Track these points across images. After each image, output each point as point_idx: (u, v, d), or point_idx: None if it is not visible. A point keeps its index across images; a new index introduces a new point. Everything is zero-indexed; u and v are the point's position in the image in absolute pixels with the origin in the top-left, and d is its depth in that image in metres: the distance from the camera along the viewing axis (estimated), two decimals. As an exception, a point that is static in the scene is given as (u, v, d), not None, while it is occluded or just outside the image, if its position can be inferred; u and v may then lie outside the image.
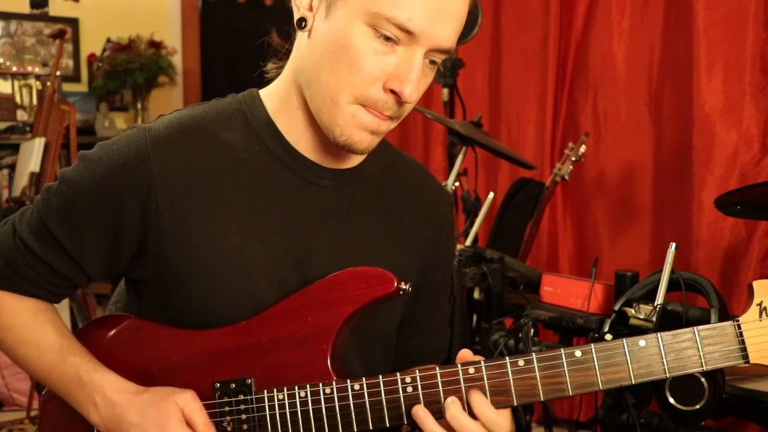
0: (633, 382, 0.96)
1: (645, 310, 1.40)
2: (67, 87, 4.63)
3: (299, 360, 1.04)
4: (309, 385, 1.02)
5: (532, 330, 1.72)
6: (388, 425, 1.01)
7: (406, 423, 1.00)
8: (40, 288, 1.11)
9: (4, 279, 1.10)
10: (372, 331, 1.16)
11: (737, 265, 2.52)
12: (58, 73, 3.83)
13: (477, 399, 0.97)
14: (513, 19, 3.38)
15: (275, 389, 1.03)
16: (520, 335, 1.76)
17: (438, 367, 1.00)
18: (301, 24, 1.03)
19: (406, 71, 0.98)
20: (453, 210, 1.34)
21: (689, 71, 2.62)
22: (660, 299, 1.40)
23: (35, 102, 4.35)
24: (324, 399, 1.02)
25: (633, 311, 1.42)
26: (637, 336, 0.97)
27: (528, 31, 3.28)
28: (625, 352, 0.96)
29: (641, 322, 1.40)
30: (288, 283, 1.08)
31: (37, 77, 4.40)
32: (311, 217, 1.11)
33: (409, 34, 0.96)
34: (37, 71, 4.47)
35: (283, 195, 1.10)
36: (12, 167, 4.00)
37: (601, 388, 0.97)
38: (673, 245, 1.42)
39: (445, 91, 2.77)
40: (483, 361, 0.99)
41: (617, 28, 2.95)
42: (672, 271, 1.41)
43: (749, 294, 0.96)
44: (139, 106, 4.66)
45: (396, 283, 1.04)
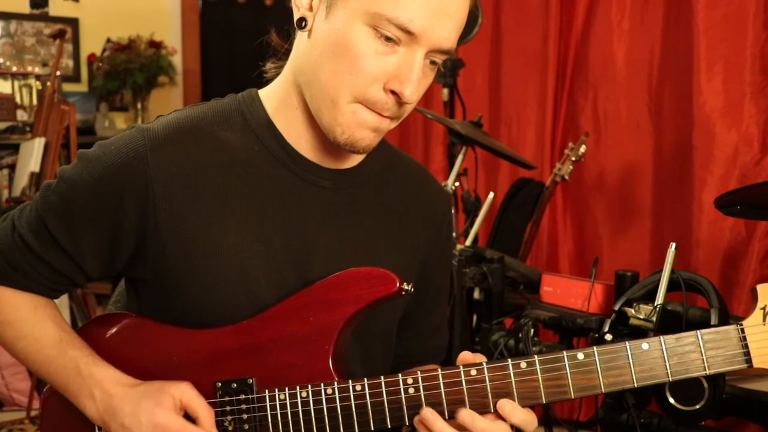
0: (636, 385, 0.96)
1: (645, 310, 1.40)
2: (67, 87, 4.63)
3: (301, 360, 1.04)
4: (310, 386, 1.02)
5: (532, 330, 1.72)
6: (389, 426, 1.01)
7: (407, 424, 1.00)
8: (38, 284, 1.11)
9: (3, 275, 1.10)
10: (372, 332, 1.16)
11: (737, 265, 2.52)
12: (58, 73, 3.83)
13: (509, 407, 0.96)
14: (513, 19, 3.38)
15: (276, 389, 1.03)
16: (520, 335, 1.76)
17: (440, 369, 1.00)
18: (301, 24, 1.03)
19: (406, 72, 0.98)
20: (452, 210, 1.33)
21: (689, 71, 2.62)
22: (660, 299, 1.40)
23: (35, 102, 4.35)
24: (325, 399, 1.02)
25: (633, 311, 1.42)
26: (640, 339, 0.96)
27: (528, 31, 3.28)
28: (628, 355, 0.96)
29: (641, 322, 1.40)
30: (288, 283, 1.08)
31: (37, 77, 4.40)
32: (311, 218, 1.11)
33: (410, 34, 0.96)
34: (37, 71, 4.47)
35: (283, 195, 1.10)
36: (12, 167, 4.00)
37: (604, 391, 0.96)
38: (673, 245, 1.42)
39: (445, 91, 2.77)
40: (485, 363, 0.98)
41: (617, 28, 2.95)
42: (672, 271, 1.41)
43: (753, 298, 0.96)
44: (139, 106, 4.66)
45: (398, 284, 1.04)
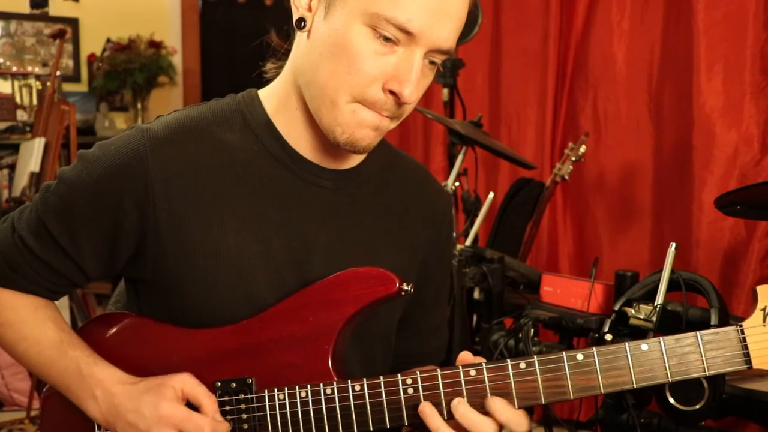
0: (635, 386, 0.96)
1: (645, 310, 1.40)
2: (67, 87, 4.63)
3: (300, 360, 1.04)
4: (310, 386, 1.02)
5: (532, 330, 1.72)
6: (388, 426, 1.01)
7: (406, 424, 1.00)
8: (38, 286, 1.10)
9: (3, 276, 1.10)
10: (372, 332, 1.16)
11: (737, 265, 2.52)
12: (58, 73, 3.83)
13: (498, 404, 0.96)
14: (513, 19, 3.38)
15: (276, 389, 1.03)
16: (520, 335, 1.76)
17: (439, 369, 1.00)
18: (300, 24, 1.03)
19: (405, 72, 0.98)
20: (452, 210, 1.33)
21: (689, 71, 2.62)
22: (660, 299, 1.40)
23: (35, 102, 4.35)
24: (325, 399, 1.02)
25: (633, 311, 1.42)
26: (640, 340, 0.96)
27: (528, 31, 3.28)
28: (628, 356, 0.96)
29: (641, 322, 1.40)
30: (287, 284, 1.08)
31: (37, 77, 4.40)
32: (310, 218, 1.11)
33: (409, 34, 0.96)
34: (37, 71, 4.47)
35: (282, 195, 1.10)
36: (12, 167, 4.00)
37: (603, 391, 0.96)
38: (673, 245, 1.42)
39: (445, 91, 2.77)
40: (484, 363, 0.98)
41: (617, 28, 2.95)
42: (672, 271, 1.41)
43: (753, 299, 0.96)
44: (139, 106, 4.66)
45: (398, 284, 1.04)
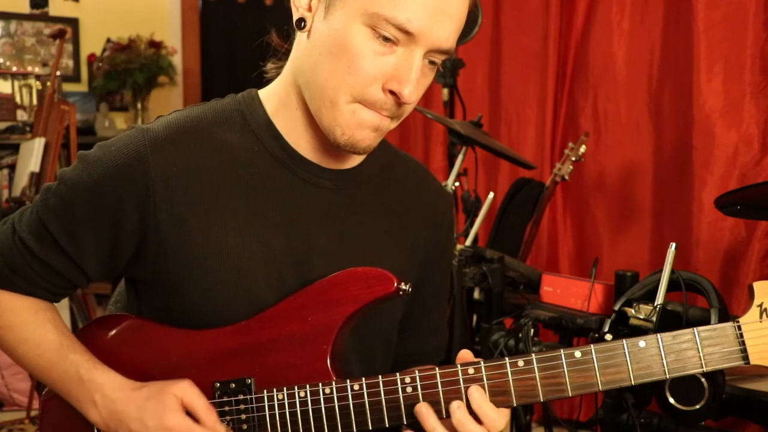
0: (633, 383, 0.96)
1: (645, 310, 1.40)
2: (67, 87, 4.63)
3: (299, 360, 1.04)
4: (309, 385, 1.02)
5: (532, 330, 1.72)
6: (387, 425, 1.01)
7: (405, 423, 1.00)
8: (39, 288, 1.10)
9: (3, 278, 1.10)
10: (372, 331, 1.16)
11: (737, 265, 2.52)
12: (58, 73, 3.83)
13: (477, 395, 0.97)
14: (513, 19, 3.38)
15: (275, 389, 1.03)
16: (520, 335, 1.76)
17: (438, 368, 1.00)
18: (300, 24, 1.03)
19: (405, 72, 0.98)
20: (453, 210, 1.33)
21: (689, 71, 2.62)
22: (660, 299, 1.40)
23: (35, 102, 4.35)
24: (323, 399, 1.02)
25: (633, 311, 1.42)
26: (637, 337, 0.96)
27: (528, 31, 3.28)
28: (625, 353, 0.96)
29: (641, 322, 1.40)
30: (287, 284, 1.08)
31: (37, 77, 4.40)
32: (311, 218, 1.11)
33: (409, 34, 0.96)
34: (37, 71, 4.47)
35: (283, 196, 1.10)
36: (12, 167, 4.00)
37: (601, 389, 0.96)
38: (673, 245, 1.42)
39: (445, 91, 2.77)
40: (482, 362, 0.98)
41: (617, 28, 2.95)
42: (672, 271, 1.41)
43: (749, 295, 0.97)
44: (139, 106, 4.66)
45: (396, 284, 1.04)
